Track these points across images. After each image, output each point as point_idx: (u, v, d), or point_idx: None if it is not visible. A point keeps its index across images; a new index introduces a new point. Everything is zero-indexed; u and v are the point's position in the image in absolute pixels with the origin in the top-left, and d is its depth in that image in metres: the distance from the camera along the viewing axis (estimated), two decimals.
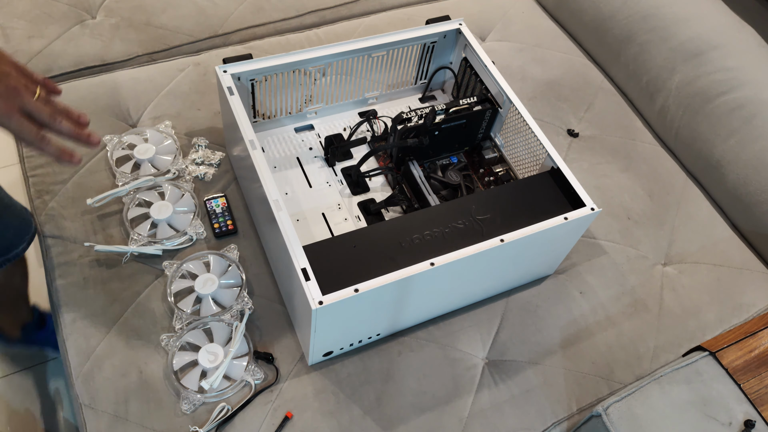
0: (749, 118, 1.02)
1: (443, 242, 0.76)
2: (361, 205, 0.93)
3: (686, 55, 1.11)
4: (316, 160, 0.97)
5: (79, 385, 0.80)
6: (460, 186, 0.92)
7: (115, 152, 0.98)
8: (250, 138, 0.79)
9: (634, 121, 1.18)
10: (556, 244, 0.86)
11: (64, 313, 0.85)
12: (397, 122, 0.89)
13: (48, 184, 0.96)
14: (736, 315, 0.94)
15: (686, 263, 0.99)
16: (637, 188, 1.06)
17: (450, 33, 0.98)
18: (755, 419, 0.73)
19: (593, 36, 1.26)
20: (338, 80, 0.97)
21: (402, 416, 0.80)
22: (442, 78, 1.07)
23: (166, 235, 0.90)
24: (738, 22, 1.13)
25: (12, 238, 0.90)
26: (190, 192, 0.95)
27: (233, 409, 0.78)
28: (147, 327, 0.84)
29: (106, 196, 0.92)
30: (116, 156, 0.97)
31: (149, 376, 0.80)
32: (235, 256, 0.89)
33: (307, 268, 0.69)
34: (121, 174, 0.95)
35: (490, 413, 0.81)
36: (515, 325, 0.89)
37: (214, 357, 0.79)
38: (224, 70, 0.86)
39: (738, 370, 0.76)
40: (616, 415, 0.73)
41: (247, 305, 0.85)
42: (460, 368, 0.84)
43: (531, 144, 0.89)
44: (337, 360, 0.83)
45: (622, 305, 0.93)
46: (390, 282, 0.70)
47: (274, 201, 0.74)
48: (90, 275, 0.88)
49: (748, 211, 1.02)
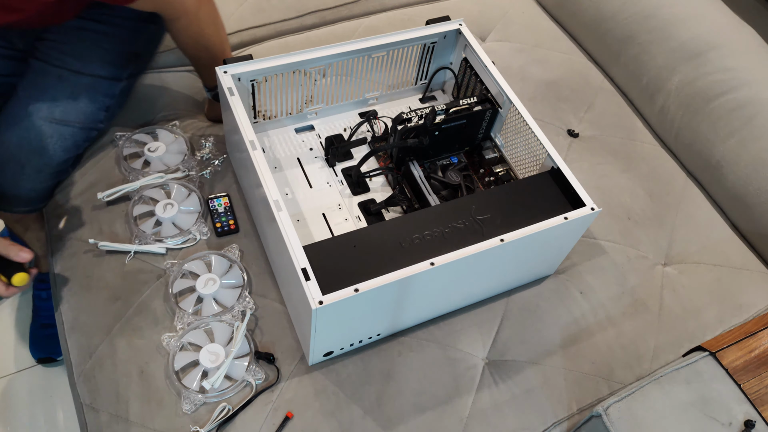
0: (749, 118, 1.02)
1: (443, 242, 0.76)
2: (361, 205, 0.93)
3: (686, 55, 1.11)
4: (317, 161, 0.98)
5: (81, 384, 0.80)
6: (460, 186, 0.92)
7: (125, 149, 0.99)
8: (250, 138, 0.79)
9: (634, 121, 1.18)
10: (556, 244, 0.86)
11: (67, 311, 0.86)
12: (397, 122, 0.89)
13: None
14: (736, 315, 0.94)
15: (686, 263, 0.99)
16: (637, 188, 1.06)
17: (450, 33, 0.98)
18: (755, 419, 0.73)
19: (593, 36, 1.26)
20: (338, 81, 0.97)
21: (402, 416, 0.80)
22: (443, 78, 1.08)
23: (170, 233, 0.91)
24: (738, 22, 1.13)
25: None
26: (197, 192, 0.95)
27: (234, 409, 0.78)
28: (148, 326, 0.84)
29: (117, 190, 0.93)
30: (126, 153, 0.99)
31: (150, 376, 0.80)
32: (237, 256, 0.90)
33: (307, 268, 0.70)
34: (131, 170, 0.97)
35: (490, 413, 0.81)
36: (515, 325, 0.89)
37: (216, 357, 0.79)
38: (224, 70, 0.86)
39: (738, 371, 0.76)
40: (616, 415, 0.73)
41: (249, 305, 0.85)
42: (461, 368, 0.84)
43: (531, 144, 0.89)
44: (337, 360, 0.83)
45: (622, 305, 0.93)
46: (390, 282, 0.70)
47: (275, 201, 0.74)
48: (93, 272, 0.88)
49: (748, 211, 1.02)
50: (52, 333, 1.18)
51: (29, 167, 0.91)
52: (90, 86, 0.93)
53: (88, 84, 0.93)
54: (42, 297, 1.21)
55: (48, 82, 0.91)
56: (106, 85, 0.94)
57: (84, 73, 0.92)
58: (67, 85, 0.91)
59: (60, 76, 0.91)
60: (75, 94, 0.91)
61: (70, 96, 0.91)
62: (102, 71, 0.93)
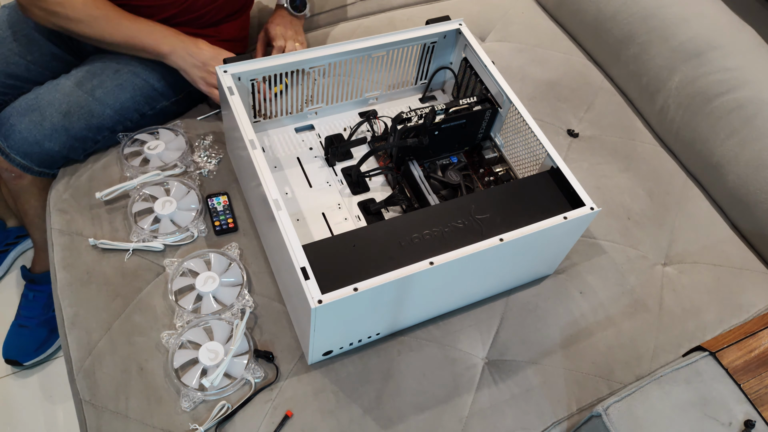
0: (749, 118, 1.02)
1: (443, 242, 0.76)
2: (361, 204, 0.93)
3: (686, 55, 1.11)
4: (316, 160, 0.98)
5: (80, 381, 0.81)
6: (460, 186, 0.92)
7: (126, 148, 1.00)
8: (250, 138, 0.80)
9: (634, 121, 1.18)
10: (556, 244, 0.86)
11: (67, 307, 0.86)
12: (397, 122, 0.89)
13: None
14: (736, 315, 0.94)
15: (686, 263, 0.99)
16: (637, 188, 1.06)
17: (450, 33, 0.98)
18: (755, 419, 0.73)
19: (593, 36, 1.26)
20: (338, 80, 0.97)
21: (402, 416, 0.80)
22: (442, 78, 1.08)
23: (168, 230, 0.91)
24: (738, 22, 1.13)
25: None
26: (196, 190, 0.96)
27: (233, 407, 0.78)
28: (148, 324, 0.84)
29: (114, 189, 0.94)
30: (127, 152, 1.00)
31: (149, 373, 0.80)
32: (236, 254, 0.90)
33: (306, 267, 0.70)
34: (129, 168, 0.98)
35: (489, 413, 0.81)
36: (515, 324, 0.89)
37: (215, 355, 0.79)
38: (224, 70, 0.86)
39: (738, 370, 0.76)
40: (616, 415, 0.73)
41: (248, 304, 0.85)
42: (460, 368, 0.84)
43: (531, 144, 0.89)
44: (336, 359, 0.83)
45: (622, 305, 0.93)
46: (389, 281, 0.70)
47: (274, 200, 0.74)
48: (93, 270, 0.88)
49: (748, 211, 1.02)
50: (26, 334, 1.19)
51: (48, 122, 0.94)
52: (140, 88, 1.00)
53: (140, 86, 1.00)
54: (28, 297, 1.21)
55: (104, 71, 0.99)
56: (154, 95, 1.02)
57: (141, 77, 1.01)
58: (120, 76, 0.99)
59: (117, 70, 1.00)
60: (123, 86, 0.99)
61: (118, 86, 0.99)
62: (157, 83, 1.02)
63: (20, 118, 0.94)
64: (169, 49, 0.96)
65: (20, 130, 0.93)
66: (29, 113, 0.94)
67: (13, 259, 1.34)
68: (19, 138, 0.94)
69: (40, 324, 1.20)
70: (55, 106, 0.94)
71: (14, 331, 1.20)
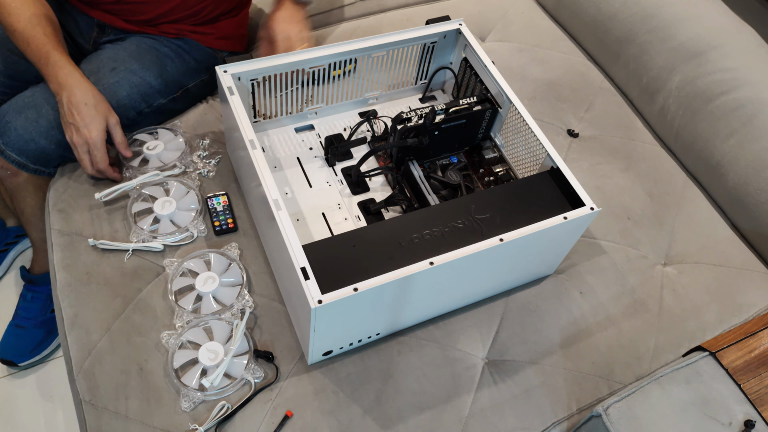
0: (749, 118, 1.02)
1: (443, 242, 0.76)
2: (361, 204, 0.93)
3: (686, 55, 1.11)
4: (316, 160, 0.98)
5: (80, 381, 0.80)
6: (460, 186, 0.92)
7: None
8: (250, 138, 0.80)
9: (634, 121, 1.18)
10: (556, 244, 0.86)
11: (67, 307, 0.86)
12: (397, 122, 0.89)
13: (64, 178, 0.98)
14: (736, 315, 0.94)
15: (686, 263, 0.99)
16: (637, 188, 1.06)
17: (450, 33, 0.98)
18: (755, 419, 0.73)
19: (593, 36, 1.26)
20: (339, 80, 0.97)
21: (402, 416, 0.80)
22: (442, 78, 1.08)
23: (168, 230, 0.91)
24: (738, 22, 1.13)
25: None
26: (195, 190, 0.96)
27: (233, 407, 0.78)
28: (148, 324, 0.84)
29: (113, 190, 0.94)
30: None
31: (149, 374, 0.80)
32: (236, 255, 0.90)
33: (306, 267, 0.70)
34: (129, 168, 0.97)
35: (489, 413, 0.81)
36: (515, 325, 0.89)
37: (215, 355, 0.79)
38: (224, 70, 0.86)
39: (738, 371, 0.76)
40: (616, 415, 0.73)
41: (248, 304, 0.85)
42: (460, 368, 0.84)
43: (531, 144, 0.89)
44: (336, 359, 0.83)
45: (622, 305, 0.93)
46: (389, 281, 0.70)
47: (274, 200, 0.74)
48: (93, 270, 0.88)
49: (748, 211, 1.02)
50: (22, 335, 1.19)
51: (44, 120, 0.94)
52: (136, 86, 1.00)
53: (136, 83, 1.00)
54: (27, 298, 1.21)
55: (101, 69, 0.99)
56: (151, 93, 1.02)
57: (137, 75, 1.00)
58: (116, 74, 0.99)
59: (114, 68, 0.99)
60: (120, 84, 0.99)
61: (115, 83, 0.98)
62: (154, 81, 1.02)
63: (16, 116, 0.94)
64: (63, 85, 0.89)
65: (16, 126, 0.93)
66: (25, 110, 0.94)
67: (13, 259, 1.34)
68: (15, 135, 0.94)
69: (37, 325, 1.20)
70: (51, 104, 0.94)
71: (11, 332, 1.20)
